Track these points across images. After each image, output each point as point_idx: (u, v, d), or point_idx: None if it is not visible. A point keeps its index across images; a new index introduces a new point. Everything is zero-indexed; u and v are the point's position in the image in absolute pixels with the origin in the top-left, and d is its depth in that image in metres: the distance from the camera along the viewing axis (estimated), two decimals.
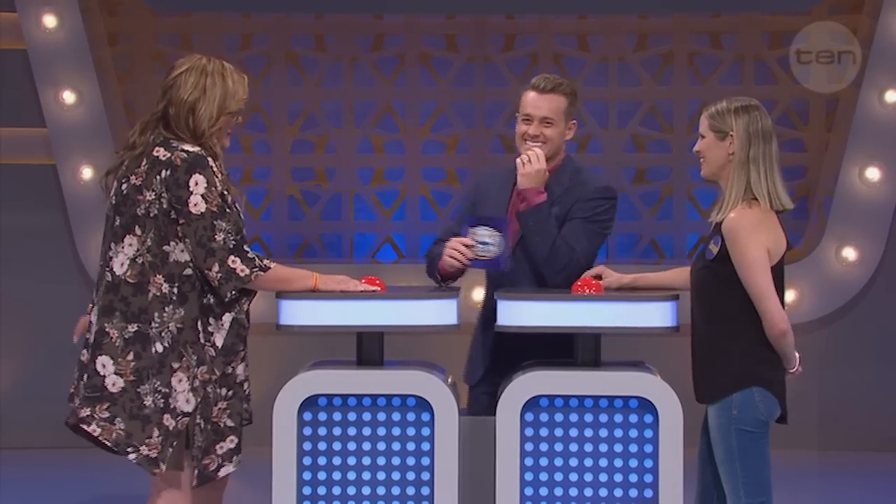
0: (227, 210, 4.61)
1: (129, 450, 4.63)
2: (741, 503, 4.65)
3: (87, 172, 8.89)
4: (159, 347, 4.62)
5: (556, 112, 5.14)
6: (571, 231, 5.09)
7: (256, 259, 4.64)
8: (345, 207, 9.46)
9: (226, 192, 4.63)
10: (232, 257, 4.59)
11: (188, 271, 4.64)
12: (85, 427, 4.66)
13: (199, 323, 4.63)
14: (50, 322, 8.81)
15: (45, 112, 8.89)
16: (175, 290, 4.63)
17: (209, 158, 4.65)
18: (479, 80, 9.35)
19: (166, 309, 4.62)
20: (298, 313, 4.74)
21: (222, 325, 4.65)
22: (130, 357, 4.65)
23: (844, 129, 8.93)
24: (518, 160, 5.12)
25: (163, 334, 4.62)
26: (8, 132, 8.94)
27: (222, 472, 4.67)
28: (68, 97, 8.88)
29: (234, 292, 4.64)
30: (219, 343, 4.65)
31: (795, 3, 9.19)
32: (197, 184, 4.59)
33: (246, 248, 4.62)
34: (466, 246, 5.02)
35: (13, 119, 8.93)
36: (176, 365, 4.61)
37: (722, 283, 4.66)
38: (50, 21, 8.85)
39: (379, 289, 4.79)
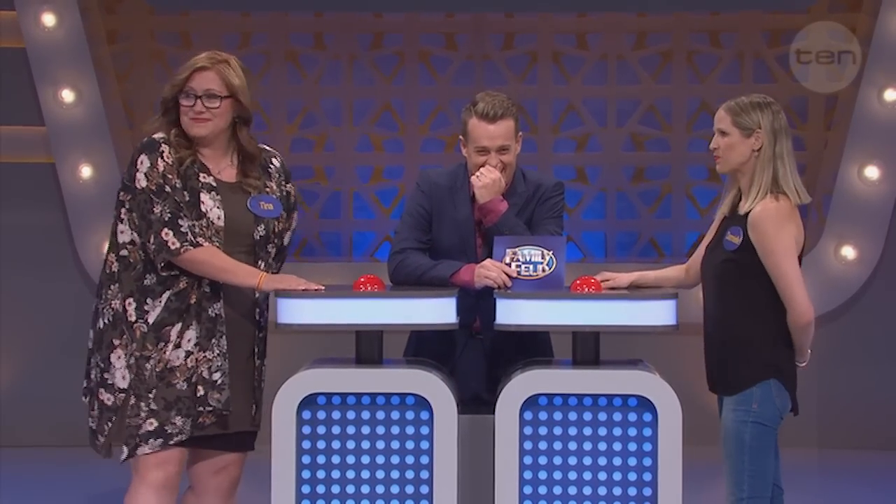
0: (166, 190, 4.70)
1: (89, 421, 4.80)
2: (743, 495, 4.66)
3: (86, 171, 8.88)
4: (101, 323, 4.76)
5: (509, 137, 5.11)
6: (550, 230, 5.14)
7: (189, 234, 4.69)
8: (344, 206, 9.46)
9: (169, 176, 4.70)
10: (166, 230, 4.68)
11: (124, 252, 4.74)
12: None
13: (129, 302, 4.70)
14: (49, 320, 8.81)
15: (44, 110, 8.89)
16: (115, 270, 4.75)
17: (164, 144, 4.75)
18: (478, 78, 9.35)
19: (112, 287, 4.74)
20: (298, 312, 4.75)
21: (159, 303, 4.72)
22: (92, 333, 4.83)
23: (843, 128, 8.92)
24: (473, 178, 5.11)
25: (105, 310, 4.74)
26: (7, 130, 8.94)
27: (139, 452, 4.70)
28: (67, 96, 8.87)
29: (171, 270, 4.69)
30: (151, 321, 4.71)
31: (795, 1, 9.20)
32: (142, 163, 4.73)
33: (181, 222, 4.68)
34: (506, 267, 4.95)
35: (12, 117, 8.93)
36: (117, 342, 4.72)
37: (744, 275, 4.68)
38: (49, 19, 8.84)
39: (322, 288, 4.78)
